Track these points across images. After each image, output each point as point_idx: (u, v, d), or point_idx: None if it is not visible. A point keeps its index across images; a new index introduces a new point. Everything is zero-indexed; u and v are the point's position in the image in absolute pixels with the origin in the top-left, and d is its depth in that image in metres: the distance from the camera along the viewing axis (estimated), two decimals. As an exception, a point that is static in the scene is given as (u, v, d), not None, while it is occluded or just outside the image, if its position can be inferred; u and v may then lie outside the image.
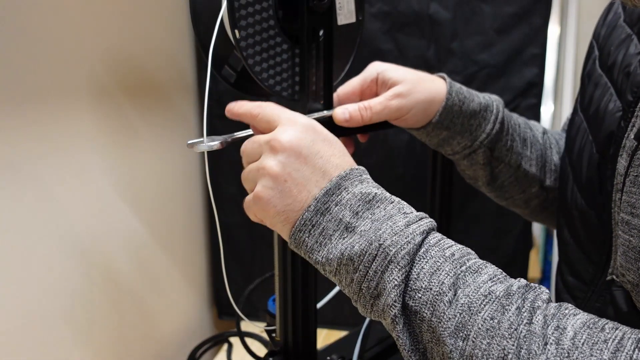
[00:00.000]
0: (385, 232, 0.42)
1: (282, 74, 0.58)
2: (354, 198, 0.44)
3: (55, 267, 0.71)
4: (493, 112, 0.65)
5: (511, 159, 0.68)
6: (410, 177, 1.07)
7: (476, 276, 0.42)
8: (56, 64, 0.69)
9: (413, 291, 0.41)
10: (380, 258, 0.41)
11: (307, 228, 0.44)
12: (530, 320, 0.38)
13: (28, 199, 0.65)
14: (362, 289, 0.42)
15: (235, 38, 0.54)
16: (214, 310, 1.25)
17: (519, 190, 0.71)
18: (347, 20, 0.61)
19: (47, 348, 0.70)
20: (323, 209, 0.44)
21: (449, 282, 0.41)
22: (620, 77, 0.57)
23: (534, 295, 0.41)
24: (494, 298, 0.40)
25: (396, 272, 0.41)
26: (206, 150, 0.50)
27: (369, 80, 0.63)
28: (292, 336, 0.60)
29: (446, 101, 0.62)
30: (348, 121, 0.59)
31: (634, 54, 0.56)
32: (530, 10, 0.98)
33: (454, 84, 0.64)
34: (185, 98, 1.06)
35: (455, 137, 0.65)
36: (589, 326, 0.39)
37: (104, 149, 0.80)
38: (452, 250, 0.43)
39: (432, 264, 0.42)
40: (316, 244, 0.44)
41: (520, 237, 1.08)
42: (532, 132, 0.71)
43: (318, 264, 0.45)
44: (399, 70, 0.62)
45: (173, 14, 1.00)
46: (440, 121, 0.62)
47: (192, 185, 1.10)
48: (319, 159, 0.46)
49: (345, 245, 0.43)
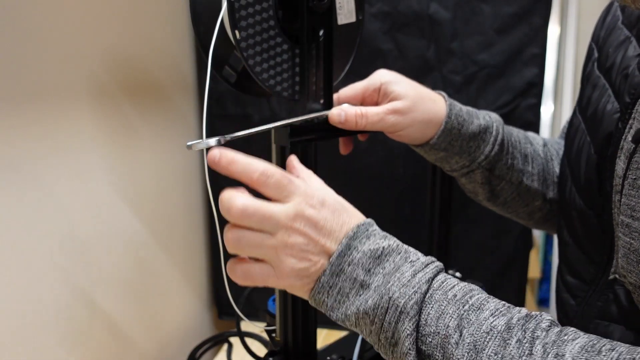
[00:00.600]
0: (394, 285, 0.45)
1: (282, 74, 0.58)
2: (364, 257, 0.47)
3: (55, 266, 0.70)
4: (492, 134, 0.64)
5: (512, 177, 0.67)
6: (411, 177, 1.07)
7: (479, 313, 0.44)
8: (56, 64, 0.69)
9: (424, 337, 0.44)
10: (392, 310, 0.44)
11: (324, 290, 0.47)
12: (530, 351, 0.41)
13: (28, 199, 0.65)
14: (380, 339, 0.45)
15: (236, 38, 0.54)
16: (214, 310, 1.25)
17: (522, 205, 0.71)
18: (347, 20, 0.61)
19: (47, 348, 0.70)
20: (338, 270, 0.46)
21: (454, 324, 0.43)
22: (618, 78, 0.57)
23: (534, 325, 0.43)
24: (495, 333, 0.42)
25: (407, 322, 0.44)
26: (205, 148, 0.50)
27: (371, 89, 0.63)
28: (292, 336, 0.60)
29: (445, 124, 0.61)
30: (342, 123, 0.59)
31: (632, 56, 0.56)
32: (530, 10, 0.98)
33: (454, 105, 0.63)
34: (185, 98, 1.06)
35: (454, 157, 0.64)
36: (587, 350, 0.40)
37: (104, 149, 0.80)
38: (455, 291, 0.45)
39: (437, 308, 0.44)
40: (335, 302, 0.47)
41: (520, 237, 1.08)
42: (532, 147, 0.70)
43: (339, 320, 0.47)
44: (402, 84, 0.61)
45: (173, 14, 1.00)
46: (438, 143, 0.62)
47: (192, 185, 1.10)
48: (330, 225, 0.48)
49: (360, 300, 0.46)
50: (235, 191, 0.46)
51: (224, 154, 0.47)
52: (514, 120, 1.03)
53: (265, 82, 0.57)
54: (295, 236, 0.46)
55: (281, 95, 0.59)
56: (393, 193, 1.10)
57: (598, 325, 0.57)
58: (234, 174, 0.47)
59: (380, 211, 1.13)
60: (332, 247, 0.47)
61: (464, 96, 1.03)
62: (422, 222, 0.80)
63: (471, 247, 1.10)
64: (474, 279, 0.87)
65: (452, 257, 0.81)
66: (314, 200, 0.47)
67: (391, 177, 1.09)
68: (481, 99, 1.03)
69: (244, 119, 1.10)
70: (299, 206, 0.46)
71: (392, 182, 1.09)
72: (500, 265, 1.10)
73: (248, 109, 1.10)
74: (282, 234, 0.46)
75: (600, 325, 0.57)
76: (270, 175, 0.46)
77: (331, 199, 0.49)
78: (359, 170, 1.09)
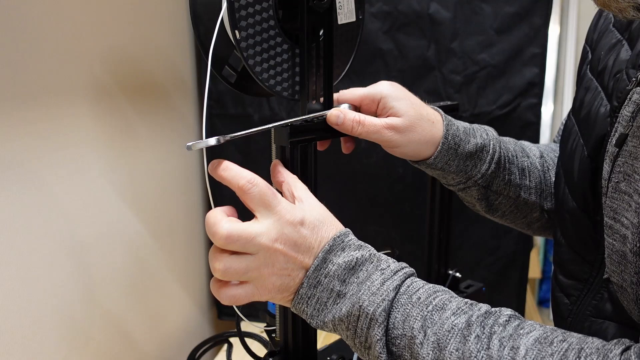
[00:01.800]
0: (364, 294, 0.48)
1: (282, 74, 0.58)
2: (339, 269, 0.49)
3: (55, 267, 0.70)
4: (489, 153, 0.64)
5: (510, 191, 0.68)
6: (411, 178, 1.07)
7: (441, 313, 0.47)
8: (56, 64, 0.69)
9: (393, 339, 0.47)
10: (363, 317, 0.48)
11: (304, 300, 0.50)
12: (488, 345, 0.44)
13: (28, 199, 0.65)
14: (355, 343, 0.49)
15: (236, 39, 0.53)
16: (214, 310, 1.25)
17: (520, 217, 0.71)
18: (348, 19, 0.60)
19: (47, 348, 0.70)
20: (315, 282, 0.50)
21: (418, 326, 0.47)
22: (611, 82, 0.57)
23: (493, 321, 0.46)
24: (457, 331, 0.45)
25: (377, 328, 0.47)
26: (204, 147, 0.50)
27: (371, 99, 0.62)
28: (292, 336, 0.60)
29: (442, 145, 0.61)
30: (338, 126, 0.59)
31: (624, 60, 0.56)
32: (530, 10, 0.98)
33: (451, 125, 0.62)
34: (185, 98, 1.06)
35: (450, 174, 0.64)
36: (540, 342, 0.44)
37: (104, 149, 0.80)
38: (419, 294, 0.48)
39: (402, 311, 0.48)
40: (314, 310, 0.50)
41: (521, 237, 1.08)
42: (529, 160, 0.71)
43: (318, 326, 0.51)
44: (403, 101, 0.61)
45: (173, 15, 1.00)
46: (435, 163, 0.62)
47: (191, 185, 1.10)
48: (309, 242, 0.50)
49: (336, 309, 0.49)
50: (220, 214, 0.49)
51: (220, 161, 0.50)
52: (514, 120, 1.03)
53: (265, 82, 0.57)
54: (276, 255, 0.48)
55: (281, 95, 0.59)
56: (393, 193, 1.10)
57: (592, 323, 0.58)
58: (224, 180, 0.50)
59: (380, 211, 1.13)
60: (310, 262, 0.50)
61: (464, 96, 1.03)
62: (422, 221, 0.80)
63: (471, 247, 1.10)
64: (474, 279, 0.87)
65: (452, 257, 0.81)
66: (294, 219, 0.49)
67: (391, 177, 1.09)
68: (481, 99, 1.03)
69: (244, 119, 1.10)
70: (279, 227, 0.48)
71: (392, 182, 1.09)
72: (500, 265, 1.10)
73: (248, 109, 1.10)
74: (263, 254, 0.48)
75: (595, 322, 0.58)
76: (255, 184, 0.49)
77: (310, 216, 0.50)
78: (359, 170, 1.09)
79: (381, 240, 1.12)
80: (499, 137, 0.69)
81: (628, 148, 0.50)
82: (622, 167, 0.50)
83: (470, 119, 1.03)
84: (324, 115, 0.59)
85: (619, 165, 0.50)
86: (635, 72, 0.54)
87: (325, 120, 0.59)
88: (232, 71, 0.60)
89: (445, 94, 1.03)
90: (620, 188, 0.49)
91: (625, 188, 0.49)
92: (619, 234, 0.49)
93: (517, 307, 1.11)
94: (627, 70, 0.55)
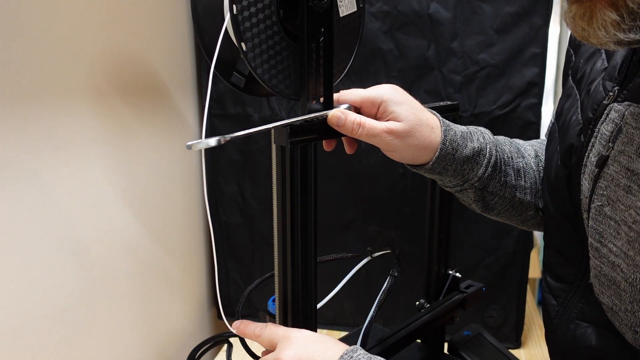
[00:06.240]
0: None
1: (290, 78, 0.59)
2: None
3: (55, 267, 0.70)
4: (486, 156, 0.65)
5: (505, 192, 0.68)
6: (411, 178, 1.07)
7: None
8: (56, 64, 0.69)
9: None
10: None
11: None
12: None
13: (28, 199, 0.65)
14: None
15: (243, 51, 0.54)
16: (213, 310, 1.25)
17: (515, 215, 0.72)
18: (349, 10, 0.60)
19: (47, 348, 0.70)
20: None
21: None
22: (584, 90, 0.57)
23: None
24: None
25: None
26: (203, 148, 0.50)
27: (371, 101, 0.62)
28: (292, 336, 0.60)
29: (439, 151, 0.61)
30: (339, 127, 0.59)
31: (599, 69, 0.56)
32: (530, 10, 0.98)
33: (449, 130, 0.63)
34: (185, 98, 1.06)
35: (447, 178, 0.65)
36: None
37: (104, 148, 0.80)
38: None
39: None
40: None
41: (521, 237, 1.08)
42: (524, 160, 0.71)
43: None
44: (403, 106, 0.61)
45: (173, 15, 1.00)
46: (433, 168, 0.63)
47: (191, 185, 1.10)
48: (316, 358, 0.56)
49: None
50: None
51: (243, 324, 0.64)
52: (514, 120, 1.03)
53: (274, 88, 0.58)
54: None
55: (290, 97, 0.60)
56: (393, 193, 1.10)
57: (578, 326, 0.58)
58: (245, 335, 0.65)
59: (380, 211, 1.13)
60: None
61: (464, 96, 1.03)
62: (422, 222, 0.80)
63: (471, 247, 1.10)
64: (474, 279, 0.87)
65: (452, 257, 0.81)
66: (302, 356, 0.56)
67: (391, 177, 1.09)
68: (481, 99, 1.03)
69: (244, 119, 1.10)
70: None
71: (392, 182, 1.09)
72: (500, 265, 1.10)
73: (248, 109, 1.10)
74: None
75: (580, 326, 0.58)
76: (262, 334, 0.61)
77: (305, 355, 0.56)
78: (359, 170, 1.09)
79: (381, 240, 1.12)
80: (495, 138, 0.69)
81: (610, 172, 0.50)
82: (605, 191, 0.50)
83: (470, 118, 1.03)
84: (324, 116, 0.59)
85: (602, 187, 0.50)
86: (612, 84, 0.54)
87: (326, 121, 0.59)
88: (241, 76, 0.60)
89: (446, 93, 1.03)
90: (604, 212, 0.49)
91: (611, 214, 0.49)
92: (607, 259, 0.49)
93: (517, 307, 1.11)
94: (603, 82, 0.55)
